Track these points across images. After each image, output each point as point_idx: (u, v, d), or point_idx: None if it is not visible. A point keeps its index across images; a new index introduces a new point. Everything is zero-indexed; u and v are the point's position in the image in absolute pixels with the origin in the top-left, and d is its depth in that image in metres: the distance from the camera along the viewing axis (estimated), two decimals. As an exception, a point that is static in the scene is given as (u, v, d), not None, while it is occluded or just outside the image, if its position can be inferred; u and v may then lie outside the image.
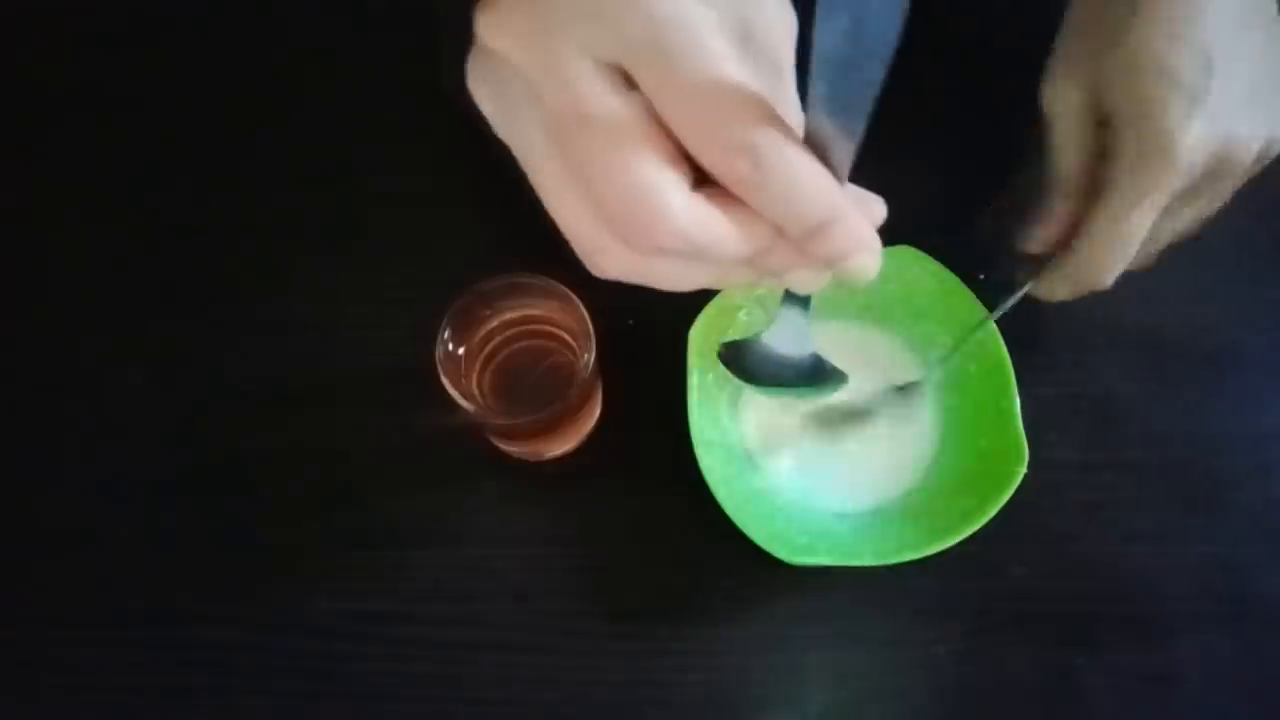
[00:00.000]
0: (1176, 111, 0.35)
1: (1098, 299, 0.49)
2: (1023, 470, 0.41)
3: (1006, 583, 0.45)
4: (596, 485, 0.47)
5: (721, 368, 0.37)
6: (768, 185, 0.24)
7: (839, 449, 0.46)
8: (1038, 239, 0.42)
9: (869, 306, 0.47)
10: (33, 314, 0.52)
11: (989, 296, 0.44)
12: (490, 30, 0.25)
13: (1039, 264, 0.42)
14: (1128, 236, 0.37)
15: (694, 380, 0.43)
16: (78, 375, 0.51)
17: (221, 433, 0.49)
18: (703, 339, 0.44)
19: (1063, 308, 0.50)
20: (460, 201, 0.53)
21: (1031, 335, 0.49)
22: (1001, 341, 0.44)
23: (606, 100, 0.24)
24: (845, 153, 0.25)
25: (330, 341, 0.51)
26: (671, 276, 0.27)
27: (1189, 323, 0.50)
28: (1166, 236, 0.40)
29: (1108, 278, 0.39)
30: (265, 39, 0.58)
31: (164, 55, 0.58)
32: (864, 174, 0.27)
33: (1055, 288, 0.42)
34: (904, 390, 0.47)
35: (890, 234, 0.45)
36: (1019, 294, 0.43)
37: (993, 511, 0.40)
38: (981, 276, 0.49)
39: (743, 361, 0.36)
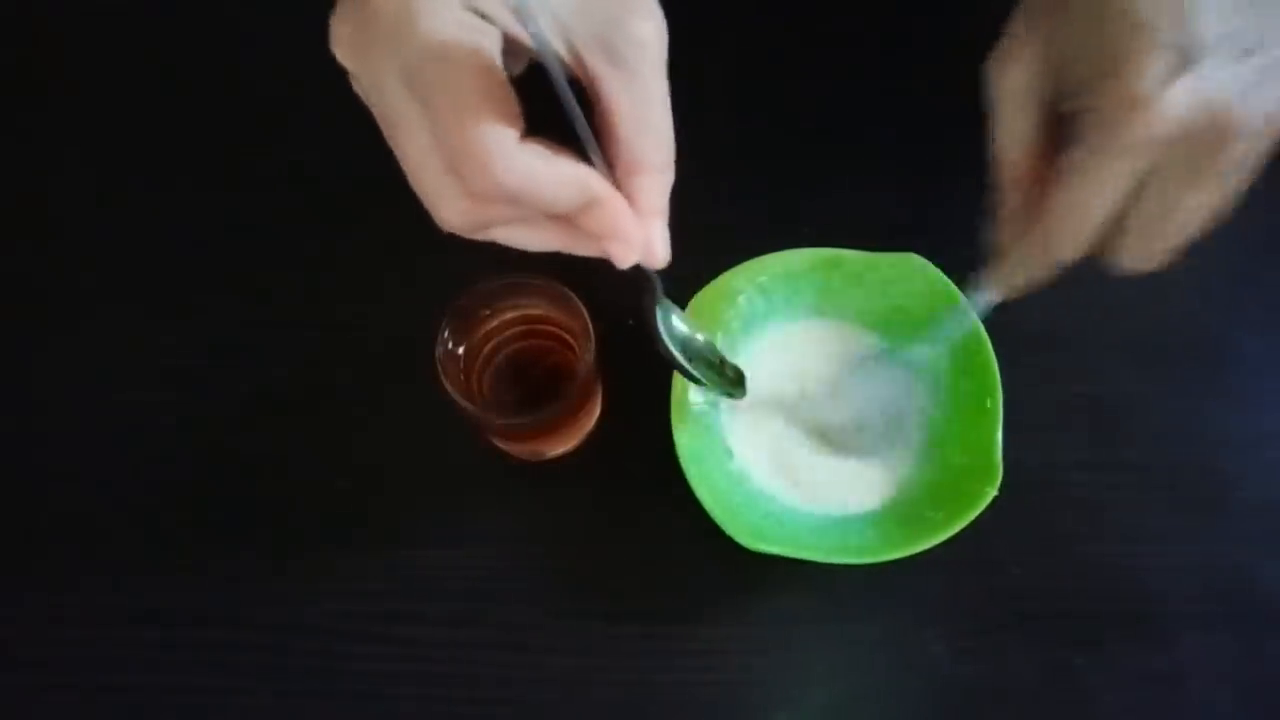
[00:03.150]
0: (1149, 63, 0.31)
1: (1100, 299, 0.49)
2: (993, 493, 0.40)
3: (1006, 583, 0.45)
4: (597, 485, 0.47)
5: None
6: (506, 186, 0.29)
7: (820, 451, 0.46)
8: (996, 238, 0.39)
9: (868, 311, 0.47)
10: (32, 314, 0.52)
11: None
12: (332, 40, 0.30)
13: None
14: (1093, 199, 0.33)
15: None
16: (77, 375, 0.51)
17: (221, 432, 0.49)
18: (698, 318, 0.44)
19: (1064, 307, 0.50)
20: (460, 202, 0.53)
21: (1032, 335, 0.49)
22: (995, 365, 0.43)
23: (406, 107, 0.29)
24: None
25: (330, 341, 0.51)
26: (510, 232, 0.33)
27: (1189, 323, 0.50)
28: (1169, 225, 0.35)
29: (1072, 248, 0.35)
30: (264, 37, 0.58)
31: (161, 54, 0.58)
32: (873, 176, 0.27)
33: (1021, 269, 0.38)
34: (868, 363, 0.46)
35: (902, 237, 0.46)
36: (983, 294, 0.40)
37: (956, 528, 0.40)
38: (969, 277, 0.49)
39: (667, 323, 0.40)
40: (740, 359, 0.46)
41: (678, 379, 0.43)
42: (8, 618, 0.46)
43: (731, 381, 0.43)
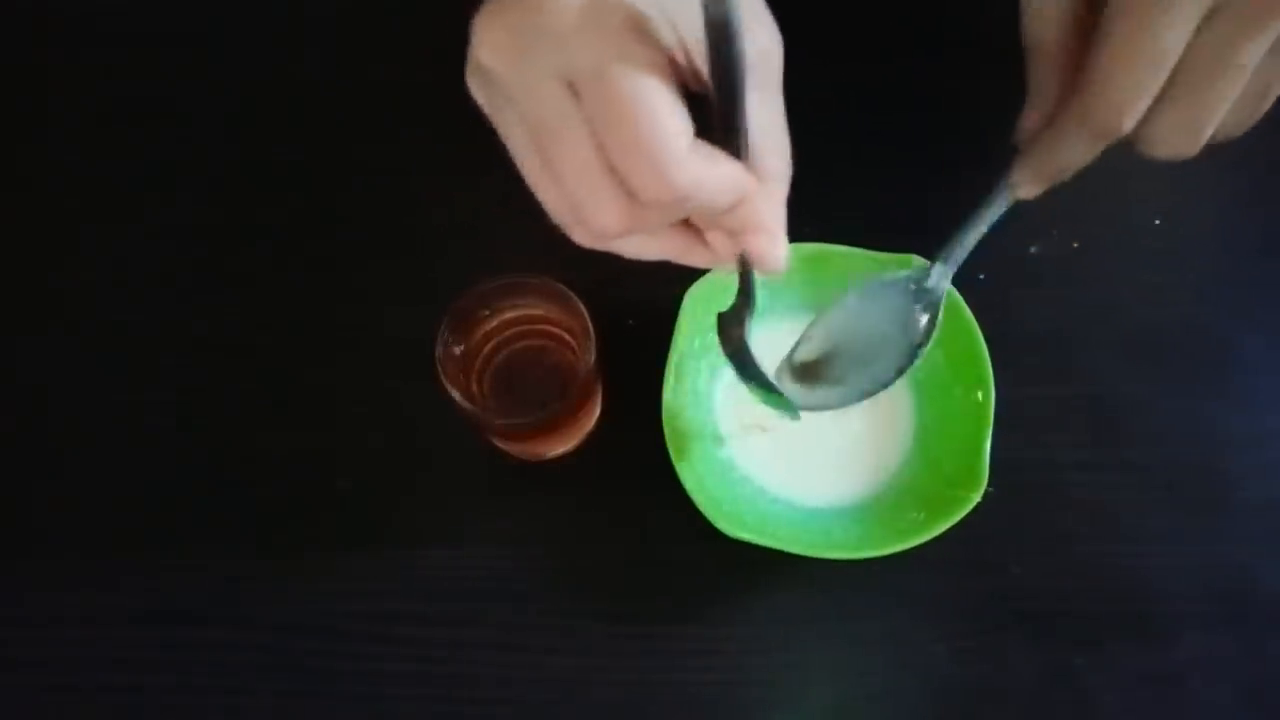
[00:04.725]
0: None
1: (1100, 299, 0.49)
2: (976, 498, 0.40)
3: (1006, 583, 0.45)
4: (597, 485, 0.47)
5: (710, 335, 0.39)
6: (671, 195, 0.28)
7: (808, 444, 0.46)
8: (1025, 126, 0.36)
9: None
10: (32, 313, 0.52)
11: (984, 290, 0.44)
12: (479, 43, 0.29)
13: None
14: (1154, 45, 0.30)
15: (678, 343, 0.44)
16: (77, 375, 0.51)
17: (222, 432, 0.49)
18: (697, 305, 0.44)
19: (1064, 307, 0.50)
20: (460, 201, 0.53)
21: (1032, 335, 0.49)
22: (991, 374, 0.43)
23: (570, 111, 0.28)
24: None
25: (330, 341, 0.51)
26: (633, 242, 0.32)
27: (1189, 323, 0.50)
28: (1218, 90, 0.31)
29: (1127, 112, 0.31)
30: (266, 41, 0.59)
31: (160, 58, 0.58)
32: (874, 176, 0.27)
33: (1060, 149, 0.34)
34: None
35: (902, 237, 0.46)
36: (1002, 195, 0.37)
37: (936, 531, 0.40)
38: (981, 276, 0.49)
39: (728, 335, 0.38)
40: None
41: (669, 373, 0.44)
42: (8, 618, 0.46)
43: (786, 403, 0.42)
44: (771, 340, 0.47)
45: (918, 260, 0.45)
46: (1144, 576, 0.45)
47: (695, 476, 0.42)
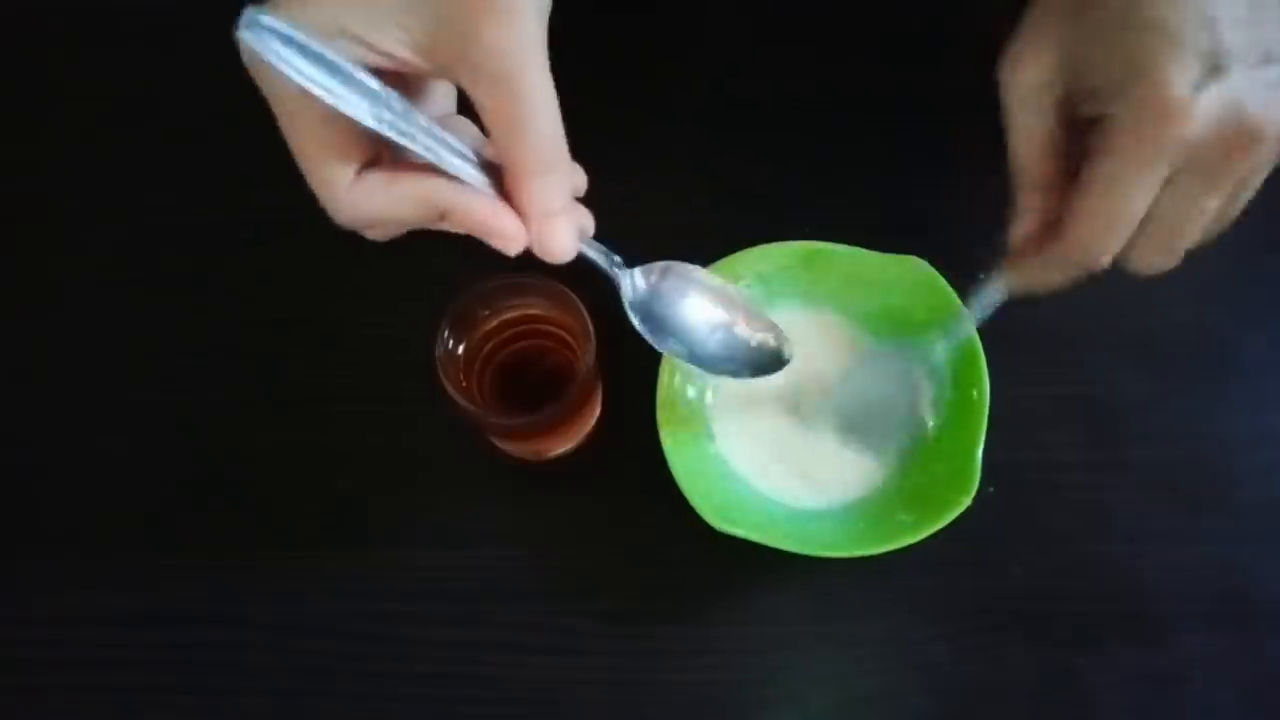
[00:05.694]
0: (1179, 70, 0.31)
1: (1100, 299, 0.49)
2: (967, 502, 0.40)
3: (1006, 583, 0.45)
4: (597, 485, 0.47)
5: None
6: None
7: (801, 443, 0.46)
8: (1014, 239, 0.39)
9: (870, 314, 0.47)
10: (32, 313, 0.52)
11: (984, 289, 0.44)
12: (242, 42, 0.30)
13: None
14: (1125, 207, 0.33)
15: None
16: (77, 375, 0.51)
17: (221, 432, 0.49)
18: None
19: (1064, 307, 0.50)
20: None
21: (1032, 336, 0.49)
22: (987, 380, 0.43)
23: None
24: None
25: (330, 341, 0.51)
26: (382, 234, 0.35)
27: (1189, 323, 0.50)
28: (1188, 227, 0.35)
29: (1103, 256, 0.35)
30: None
31: (160, 54, 0.58)
32: (874, 176, 0.27)
33: (1045, 272, 0.37)
34: (866, 361, 0.47)
35: (902, 237, 0.46)
36: (994, 291, 0.40)
37: (924, 534, 0.40)
38: (981, 276, 0.49)
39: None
40: None
41: (663, 370, 0.44)
42: (8, 618, 0.46)
43: (747, 360, 0.41)
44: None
45: (916, 262, 0.45)
46: (1144, 576, 0.45)
47: (687, 470, 0.42)
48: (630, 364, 0.46)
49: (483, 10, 0.30)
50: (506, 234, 0.32)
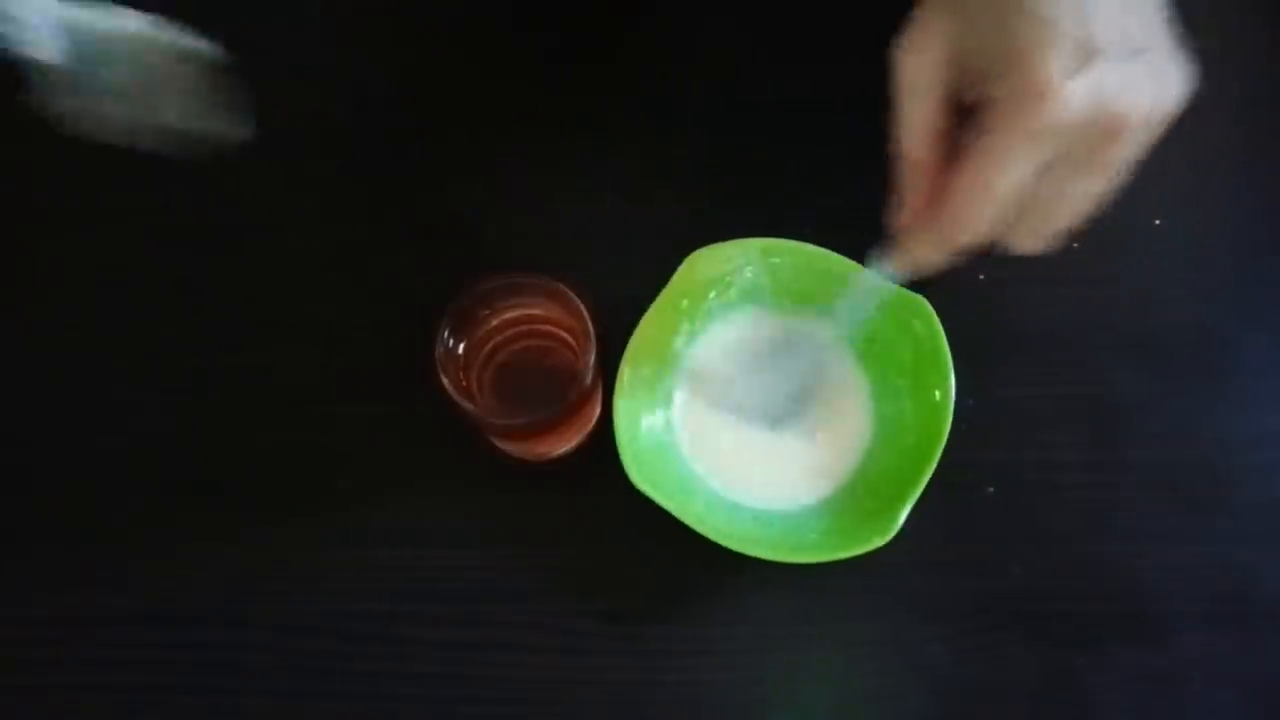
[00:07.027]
0: (1054, 56, 0.33)
1: (1100, 299, 0.49)
2: (881, 542, 0.40)
3: (1006, 583, 0.45)
4: (597, 485, 0.47)
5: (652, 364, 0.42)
6: None
7: (762, 446, 0.46)
8: (897, 221, 0.40)
9: (868, 339, 0.47)
10: (32, 313, 0.52)
11: (984, 290, 0.44)
12: None
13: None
14: (998, 180, 0.35)
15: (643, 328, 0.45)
16: (77, 375, 0.51)
17: (222, 432, 0.49)
18: (690, 273, 0.45)
19: (1064, 307, 0.50)
20: (460, 201, 0.53)
21: (1031, 335, 0.49)
22: (952, 399, 0.43)
23: None
24: None
25: (330, 341, 0.51)
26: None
27: (1189, 323, 0.50)
28: (1060, 210, 0.37)
29: (976, 229, 0.36)
30: (266, 38, 0.58)
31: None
32: (874, 175, 0.27)
33: (924, 250, 0.39)
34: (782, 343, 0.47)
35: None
36: (884, 271, 0.40)
37: (833, 557, 0.41)
38: (981, 276, 0.49)
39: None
40: (716, 331, 0.48)
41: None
42: (8, 618, 0.46)
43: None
44: (741, 330, 0.48)
45: (924, 309, 0.45)
46: (1144, 576, 0.45)
47: (630, 426, 0.43)
48: (630, 364, 0.46)
49: None
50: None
